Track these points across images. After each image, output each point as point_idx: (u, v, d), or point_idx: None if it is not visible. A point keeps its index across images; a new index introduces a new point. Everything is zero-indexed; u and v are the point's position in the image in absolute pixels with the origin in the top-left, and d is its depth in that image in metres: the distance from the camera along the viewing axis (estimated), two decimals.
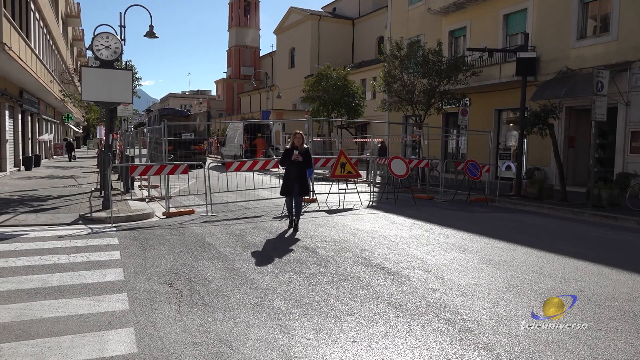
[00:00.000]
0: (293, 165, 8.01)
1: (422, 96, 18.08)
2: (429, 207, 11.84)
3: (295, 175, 8.04)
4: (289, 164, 8.05)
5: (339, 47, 46.21)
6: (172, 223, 9.12)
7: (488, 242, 7.72)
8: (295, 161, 8.00)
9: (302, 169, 8.10)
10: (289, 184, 8.08)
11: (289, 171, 8.09)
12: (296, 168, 8.02)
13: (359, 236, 7.93)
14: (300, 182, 8.08)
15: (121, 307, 4.53)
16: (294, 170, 8.03)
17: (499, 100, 18.57)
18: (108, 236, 7.79)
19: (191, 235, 7.86)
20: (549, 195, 13.30)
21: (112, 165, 11.32)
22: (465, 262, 6.34)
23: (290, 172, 8.08)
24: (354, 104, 27.19)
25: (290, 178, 8.07)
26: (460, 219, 10.12)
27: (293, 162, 8.01)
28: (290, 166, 8.05)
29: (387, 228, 8.77)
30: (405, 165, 12.61)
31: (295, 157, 7.96)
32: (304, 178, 8.19)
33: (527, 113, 14.22)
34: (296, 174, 8.04)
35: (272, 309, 4.51)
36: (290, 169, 8.06)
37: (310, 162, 8.21)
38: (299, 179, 8.07)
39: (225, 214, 10.24)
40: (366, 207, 11.53)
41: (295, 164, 8.02)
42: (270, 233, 8.05)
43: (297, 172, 8.03)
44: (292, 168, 8.03)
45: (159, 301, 4.70)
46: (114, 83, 10.16)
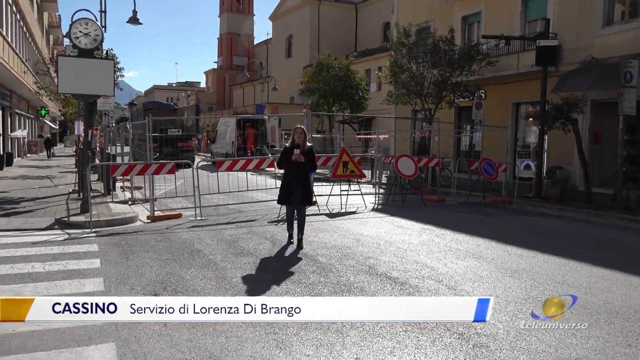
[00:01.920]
0: (293, 167, 7.19)
1: (432, 88, 18.07)
2: (440, 210, 11.82)
3: (296, 180, 7.21)
4: (289, 165, 7.24)
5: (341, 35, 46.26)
6: (157, 228, 9.11)
7: (505, 248, 7.71)
8: (296, 162, 7.15)
9: (305, 172, 7.33)
10: (289, 190, 7.26)
11: (289, 174, 7.30)
12: (297, 170, 7.20)
13: (363, 242, 7.92)
14: (303, 188, 7.25)
15: None
16: (295, 173, 7.21)
17: (517, 92, 18.57)
18: (87, 242, 7.77)
19: (178, 241, 7.85)
20: (572, 196, 13.29)
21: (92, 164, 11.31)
22: (480, 271, 6.33)
23: (289, 176, 7.28)
24: (358, 97, 27.20)
25: (289, 183, 7.27)
26: (475, 223, 10.11)
27: (293, 164, 7.16)
28: (289, 168, 7.26)
29: (393, 233, 8.76)
30: (413, 165, 12.60)
31: (296, 157, 7.10)
32: (307, 183, 7.41)
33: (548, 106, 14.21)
34: (297, 177, 7.22)
35: (268, 322, 4.50)
36: (290, 172, 7.26)
37: (314, 164, 7.46)
38: (301, 184, 7.24)
39: (215, 218, 10.22)
40: (371, 211, 11.50)
41: (296, 165, 7.17)
42: (266, 239, 8.04)
43: (298, 175, 7.22)
44: (292, 170, 7.23)
45: None
46: (94, 74, 10.16)
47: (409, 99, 18.99)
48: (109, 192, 12.90)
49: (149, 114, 11.88)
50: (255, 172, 14.69)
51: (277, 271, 6.14)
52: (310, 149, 7.36)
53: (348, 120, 31.25)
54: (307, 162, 7.21)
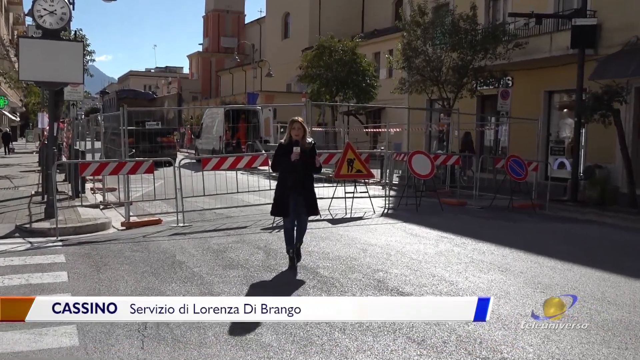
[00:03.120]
0: (291, 169, 6.66)
1: (451, 74, 18.09)
2: (460, 216, 11.82)
3: (295, 184, 6.69)
4: (285, 168, 6.74)
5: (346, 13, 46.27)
6: (133, 236, 9.12)
7: (535, 259, 7.71)
8: (294, 163, 6.63)
9: (306, 175, 6.81)
10: (286, 198, 6.71)
11: (286, 178, 6.75)
12: (296, 173, 6.68)
13: (370, 252, 7.92)
14: (305, 195, 6.75)
15: (69, 342, 4.54)
16: (293, 176, 6.68)
17: (550, 79, 18.58)
18: (52, 253, 7.79)
19: (158, 252, 7.88)
20: (613, 199, 13.28)
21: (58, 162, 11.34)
22: (506, 286, 6.34)
23: (286, 180, 6.74)
24: (365, 85, 27.23)
25: (286, 188, 6.72)
26: (500, 231, 10.11)
27: (291, 166, 6.64)
28: (287, 170, 6.74)
29: (406, 242, 8.77)
30: (429, 163, 12.61)
31: (294, 156, 6.58)
32: (309, 188, 6.85)
33: (586, 96, 14.21)
34: (296, 181, 6.70)
35: (261, 345, 4.52)
36: (288, 175, 6.73)
37: (317, 164, 6.94)
38: (302, 190, 6.73)
39: (200, 225, 10.23)
40: (380, 216, 11.51)
41: (295, 167, 6.65)
42: (258, 248, 8.05)
43: (297, 179, 6.70)
44: (290, 173, 6.70)
45: (117, 335, 4.70)
46: (60, 58, 10.19)
47: (425, 86, 19.00)
48: (77, 194, 12.93)
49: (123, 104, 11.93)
50: (246, 171, 14.70)
51: (272, 286, 6.15)
52: (312, 146, 6.84)
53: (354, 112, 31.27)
54: (308, 163, 6.72)
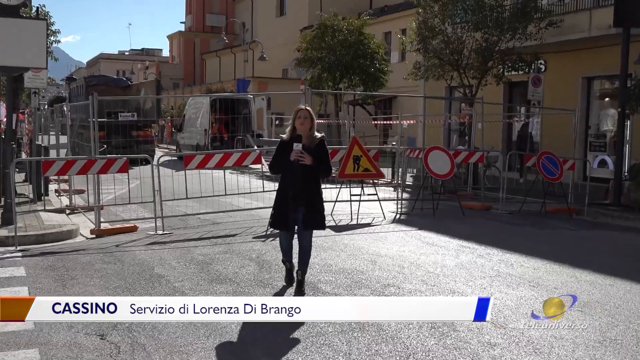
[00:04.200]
0: (294, 171, 6.23)
1: (474, 57, 18.08)
2: (484, 222, 11.81)
3: (295, 192, 6.28)
4: (287, 169, 6.34)
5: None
6: (104, 245, 9.11)
7: (572, 273, 7.70)
8: (295, 164, 6.19)
9: (312, 179, 6.38)
10: (287, 207, 6.35)
11: (288, 182, 6.37)
12: (300, 176, 6.24)
13: (380, 265, 7.92)
14: (308, 203, 6.34)
15: None
16: (297, 180, 6.26)
17: (589, 63, 18.56)
18: (11, 265, 7.77)
19: (133, 264, 7.87)
20: None
21: (17, 159, 11.33)
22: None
23: (288, 185, 6.36)
24: (373, 70, 27.21)
25: (287, 195, 6.34)
26: (531, 240, 10.08)
27: (294, 167, 6.21)
28: (288, 174, 6.35)
29: (422, 253, 8.76)
30: (448, 160, 12.59)
31: (297, 155, 6.14)
32: (315, 195, 6.45)
33: (631, 82, 14.18)
34: (300, 187, 6.27)
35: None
36: (289, 179, 6.33)
37: (327, 165, 6.55)
38: (306, 198, 6.32)
39: (183, 232, 10.22)
40: (391, 222, 11.49)
41: (296, 169, 6.21)
42: (250, 260, 8.04)
43: (301, 183, 6.27)
44: (292, 177, 6.29)
45: None
46: (20, 39, 10.18)
47: (443, 72, 18.99)
48: (40, 197, 12.92)
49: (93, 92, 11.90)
50: (235, 170, 14.69)
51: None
52: (321, 141, 6.44)
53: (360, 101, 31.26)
54: (316, 164, 6.25)
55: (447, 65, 18.63)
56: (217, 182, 12.18)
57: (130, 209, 12.12)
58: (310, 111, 6.46)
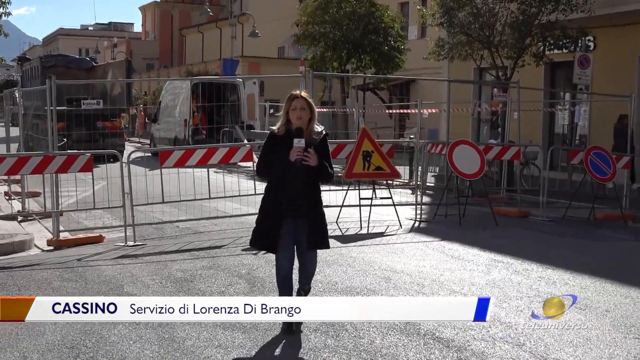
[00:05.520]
0: (289, 175, 6.01)
1: (509, 33, 18.04)
2: (521, 231, 11.78)
3: (293, 202, 6.05)
4: (280, 171, 6.07)
5: None
6: (64, 259, 9.08)
7: (627, 293, 7.68)
8: (295, 166, 5.95)
9: (311, 184, 6.17)
10: (276, 222, 6.09)
11: (279, 189, 6.13)
12: (297, 181, 6.03)
13: (395, 283, 7.90)
14: (311, 215, 6.14)
15: None
16: (293, 184, 6.04)
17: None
18: None
19: (98, 281, 7.85)
20: None
21: None
22: (586, 330, 6.29)
23: (279, 193, 6.12)
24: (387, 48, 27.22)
25: (279, 204, 6.10)
26: (578, 253, 10.06)
27: (290, 168, 5.98)
28: (281, 178, 6.09)
29: (445, 268, 8.74)
30: (478, 157, 12.55)
31: (299, 154, 5.89)
32: (316, 205, 6.26)
33: None
34: (296, 197, 6.05)
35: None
36: (283, 183, 6.08)
37: (328, 167, 6.17)
38: (308, 208, 6.14)
39: (158, 243, 10.21)
40: (409, 231, 11.49)
41: (296, 172, 5.98)
42: (239, 277, 8.04)
43: (297, 192, 6.05)
44: (287, 180, 6.05)
45: None
46: None
47: (471, 50, 18.96)
48: None
49: (50, 75, 11.89)
50: (222, 169, 14.68)
51: (257, 329, 6.11)
52: (323, 138, 6.23)
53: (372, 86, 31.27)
54: (316, 165, 5.98)
55: (477, 43, 18.60)
56: (199, 183, 12.16)
57: (95, 215, 12.11)
58: (308, 99, 6.13)
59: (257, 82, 27.80)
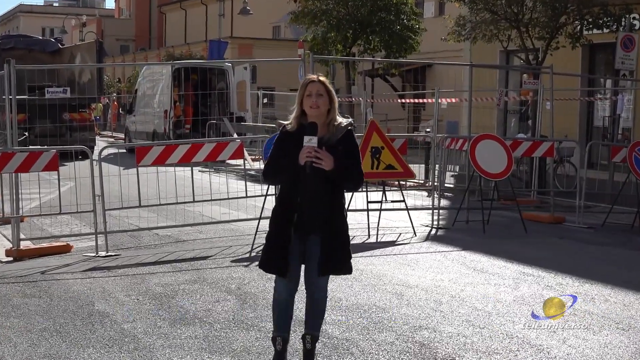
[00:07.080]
0: (302, 180, 5.61)
1: (541, 10, 18.07)
2: (554, 240, 11.81)
3: (308, 210, 5.68)
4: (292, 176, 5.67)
5: None
6: (26, 272, 9.14)
7: None
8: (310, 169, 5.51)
9: (332, 192, 5.75)
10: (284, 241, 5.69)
11: (291, 200, 5.75)
12: (313, 188, 5.64)
13: (409, 299, 7.94)
14: (326, 232, 5.69)
15: None
16: (307, 194, 5.66)
17: None
18: None
19: (65, 298, 7.88)
20: None
21: None
22: (629, 354, 6.34)
23: (292, 201, 5.74)
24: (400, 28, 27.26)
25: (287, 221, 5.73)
26: (620, 265, 10.09)
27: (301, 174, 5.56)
28: (293, 184, 5.71)
29: (467, 282, 8.78)
30: (505, 154, 12.58)
31: (308, 154, 5.46)
32: (338, 219, 5.82)
33: None
34: (312, 204, 5.67)
35: None
36: (295, 193, 5.71)
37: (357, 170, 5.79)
38: (322, 222, 5.70)
39: (134, 254, 10.26)
40: (424, 240, 11.56)
41: (309, 178, 5.57)
42: (228, 292, 8.07)
43: (314, 199, 5.68)
44: (299, 190, 5.68)
45: None
46: None
47: (497, 30, 19.00)
48: None
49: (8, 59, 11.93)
50: (208, 167, 14.72)
51: (250, 353, 6.16)
52: (348, 133, 5.79)
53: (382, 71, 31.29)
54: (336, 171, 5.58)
55: (503, 21, 18.64)
56: (182, 184, 12.19)
57: (61, 221, 12.14)
58: (326, 83, 5.83)
59: (248, 67, 27.83)
